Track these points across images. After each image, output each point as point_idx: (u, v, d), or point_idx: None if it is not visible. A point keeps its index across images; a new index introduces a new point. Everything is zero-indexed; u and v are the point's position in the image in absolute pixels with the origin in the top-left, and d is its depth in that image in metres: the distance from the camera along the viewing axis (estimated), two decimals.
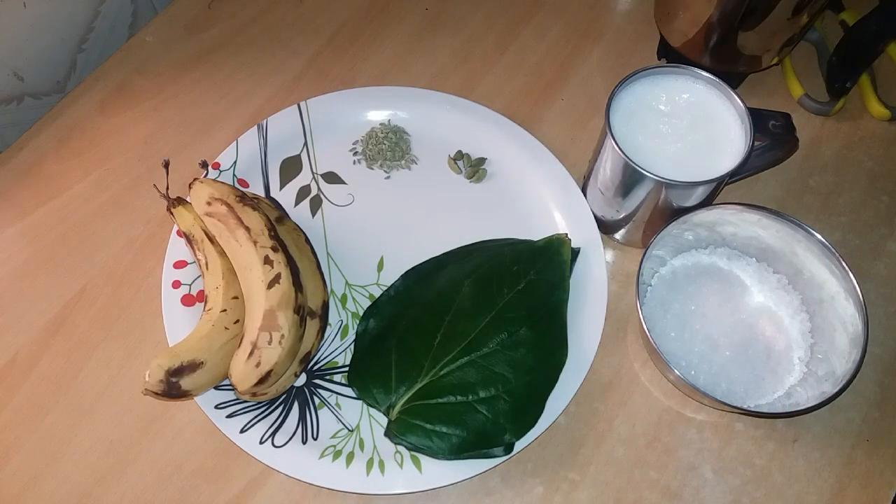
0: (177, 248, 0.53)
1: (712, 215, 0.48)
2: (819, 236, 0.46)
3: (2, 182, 0.58)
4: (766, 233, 0.49)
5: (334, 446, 0.47)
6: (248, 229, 0.47)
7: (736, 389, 0.47)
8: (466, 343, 0.47)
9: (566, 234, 0.52)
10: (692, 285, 0.50)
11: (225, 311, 0.47)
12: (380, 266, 0.54)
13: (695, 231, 0.50)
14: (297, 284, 0.47)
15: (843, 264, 0.45)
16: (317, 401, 0.49)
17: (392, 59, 0.64)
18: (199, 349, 0.45)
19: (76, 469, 0.48)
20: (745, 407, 0.45)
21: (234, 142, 0.57)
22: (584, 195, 0.54)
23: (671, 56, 0.60)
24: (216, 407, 0.48)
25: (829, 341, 0.46)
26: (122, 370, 0.51)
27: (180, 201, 0.52)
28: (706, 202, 0.51)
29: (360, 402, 0.49)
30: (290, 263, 0.47)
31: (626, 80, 0.48)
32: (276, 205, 0.56)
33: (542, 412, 0.47)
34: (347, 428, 0.48)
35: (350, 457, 0.47)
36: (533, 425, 0.46)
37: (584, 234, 0.53)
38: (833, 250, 0.46)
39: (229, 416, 0.47)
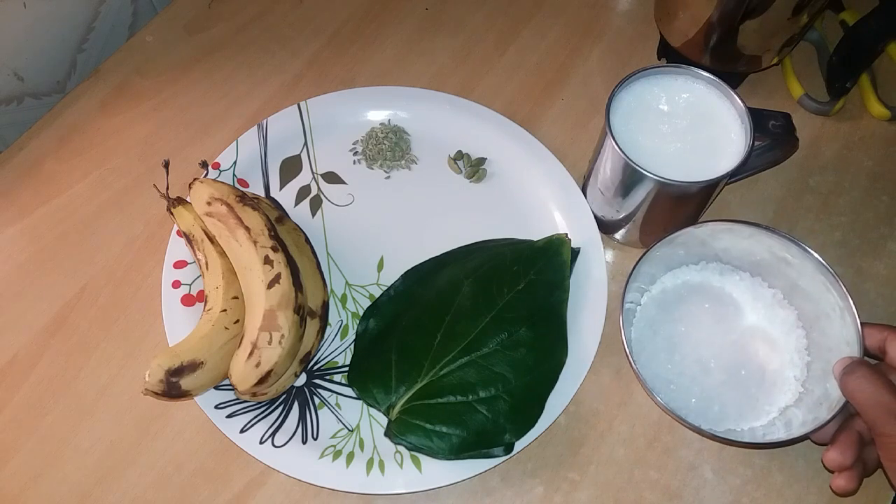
0: (177, 248, 0.53)
1: (702, 232, 0.47)
2: (816, 255, 0.44)
3: (2, 182, 0.58)
4: (759, 247, 0.47)
5: (334, 446, 0.47)
6: (248, 229, 0.47)
7: (729, 412, 0.46)
8: (466, 343, 0.47)
9: (566, 234, 0.52)
10: (683, 305, 0.49)
11: (225, 311, 0.47)
12: (380, 266, 0.54)
13: (686, 246, 0.49)
14: (297, 284, 0.47)
15: (840, 284, 0.43)
16: (317, 401, 0.49)
17: (392, 59, 0.64)
18: (199, 349, 0.45)
19: (76, 469, 0.48)
20: (738, 429, 0.45)
21: (234, 142, 0.57)
22: (584, 195, 0.54)
23: (671, 56, 0.60)
24: (216, 407, 0.48)
25: (826, 360, 0.44)
26: (122, 370, 0.51)
27: (180, 201, 0.52)
28: (706, 202, 0.51)
29: (360, 402, 0.49)
30: (290, 263, 0.47)
31: (626, 80, 0.48)
32: (276, 205, 0.56)
33: (542, 412, 0.47)
34: (347, 428, 0.48)
35: (350, 457, 0.47)
36: (533, 425, 0.46)
37: (584, 234, 0.53)
38: (828, 267, 0.44)
39: (229, 416, 0.47)
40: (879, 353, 0.43)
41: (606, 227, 0.54)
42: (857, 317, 0.42)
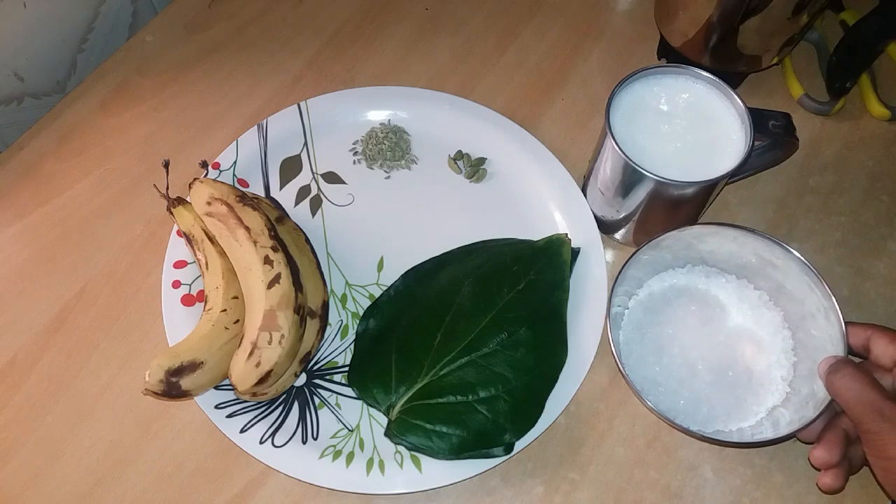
0: (177, 248, 0.53)
1: (687, 235, 0.47)
2: (800, 256, 0.44)
3: (2, 182, 0.58)
4: (744, 250, 0.47)
5: (334, 446, 0.47)
6: (248, 229, 0.47)
7: (717, 413, 0.46)
8: (466, 343, 0.47)
9: (566, 234, 0.52)
10: (669, 308, 0.49)
11: (225, 310, 0.47)
12: (380, 266, 0.54)
13: (672, 250, 0.49)
14: (297, 284, 0.47)
15: (824, 284, 0.43)
16: (317, 401, 0.49)
17: (392, 59, 0.64)
18: (199, 349, 0.45)
19: (76, 469, 0.48)
20: (727, 430, 0.45)
21: (234, 142, 0.57)
22: (584, 195, 0.54)
23: (671, 56, 0.60)
24: (216, 407, 0.48)
25: (812, 360, 0.45)
26: (122, 370, 0.51)
27: (180, 201, 0.52)
28: (706, 202, 0.51)
29: (360, 402, 0.49)
30: (290, 263, 0.47)
31: (626, 80, 0.48)
32: (276, 205, 0.56)
33: (542, 412, 0.47)
34: (347, 428, 0.48)
35: (350, 457, 0.47)
36: (533, 425, 0.46)
37: (584, 234, 0.53)
38: (812, 268, 0.44)
39: (229, 416, 0.47)
40: (863, 352, 0.43)
41: (606, 227, 0.54)
42: (840, 316, 0.43)
